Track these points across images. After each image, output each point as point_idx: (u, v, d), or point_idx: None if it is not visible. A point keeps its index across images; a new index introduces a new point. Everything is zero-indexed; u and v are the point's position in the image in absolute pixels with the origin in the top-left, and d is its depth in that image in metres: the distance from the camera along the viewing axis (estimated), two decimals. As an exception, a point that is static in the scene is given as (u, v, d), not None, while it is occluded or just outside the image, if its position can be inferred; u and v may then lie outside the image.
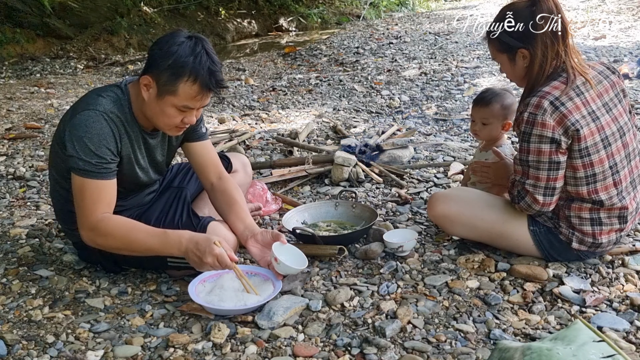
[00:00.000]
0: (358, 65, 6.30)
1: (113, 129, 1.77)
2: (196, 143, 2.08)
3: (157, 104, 1.77)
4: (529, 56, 1.88)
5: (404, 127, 3.96)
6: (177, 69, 1.70)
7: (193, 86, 1.72)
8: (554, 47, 1.84)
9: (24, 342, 1.66)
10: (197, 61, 1.70)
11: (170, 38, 1.73)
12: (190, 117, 1.80)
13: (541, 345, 1.19)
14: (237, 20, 10.04)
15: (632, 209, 1.92)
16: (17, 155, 3.55)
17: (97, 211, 1.76)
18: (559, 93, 1.81)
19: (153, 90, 1.76)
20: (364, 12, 11.31)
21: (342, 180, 2.95)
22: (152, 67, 1.74)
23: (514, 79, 2.00)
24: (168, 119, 1.79)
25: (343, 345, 1.61)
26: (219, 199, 2.05)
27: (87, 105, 1.78)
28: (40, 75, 6.42)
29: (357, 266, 2.08)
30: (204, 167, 2.09)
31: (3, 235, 2.42)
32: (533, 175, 1.85)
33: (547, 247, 1.97)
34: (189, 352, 1.60)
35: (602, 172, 1.84)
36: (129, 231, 1.77)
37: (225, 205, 2.03)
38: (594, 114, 1.83)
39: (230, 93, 5.34)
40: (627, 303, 1.76)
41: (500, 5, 2.52)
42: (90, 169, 1.74)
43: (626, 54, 5.96)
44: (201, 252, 1.71)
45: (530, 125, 1.80)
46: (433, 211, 2.13)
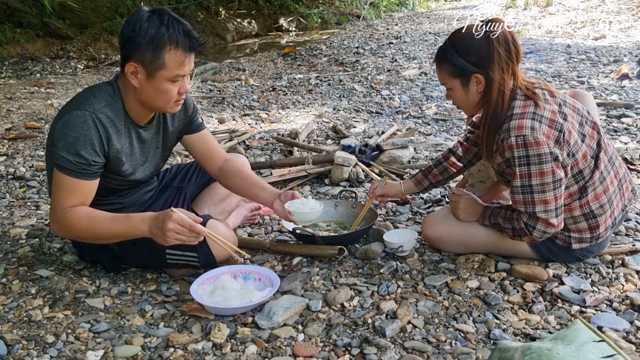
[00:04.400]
0: (358, 65, 6.31)
1: (100, 131, 1.77)
2: (196, 134, 2.11)
3: (151, 85, 1.77)
4: (483, 81, 1.82)
5: (404, 127, 3.96)
6: (156, 42, 1.71)
7: (177, 52, 1.73)
8: (509, 69, 1.80)
9: (24, 342, 1.65)
10: (171, 29, 1.72)
11: (136, 19, 1.73)
12: (184, 86, 1.82)
13: (541, 345, 1.19)
14: (237, 20, 10.04)
15: (613, 188, 1.90)
16: (17, 155, 3.55)
17: (66, 204, 1.78)
18: (533, 108, 1.78)
19: (141, 74, 1.76)
20: (364, 12, 11.32)
21: (342, 180, 2.95)
22: (131, 52, 1.74)
23: (465, 105, 1.92)
24: (165, 95, 1.79)
25: (343, 345, 1.61)
26: (231, 178, 2.11)
27: (78, 105, 1.78)
28: (40, 75, 6.42)
29: (357, 266, 2.08)
30: (208, 155, 2.13)
31: (3, 235, 2.42)
32: (540, 200, 1.78)
33: (545, 252, 1.97)
34: (189, 352, 1.60)
35: (587, 165, 1.84)
36: (92, 220, 1.78)
37: (240, 181, 2.11)
38: (562, 114, 1.82)
39: (230, 93, 5.34)
40: (627, 303, 1.76)
41: (500, 6, 2.51)
42: (69, 167, 1.75)
43: (626, 54, 5.96)
44: (160, 221, 1.71)
45: (524, 148, 1.74)
46: (425, 234, 2.14)
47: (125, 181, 1.95)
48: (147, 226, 1.74)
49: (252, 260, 2.13)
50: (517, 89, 1.84)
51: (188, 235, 1.71)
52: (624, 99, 4.40)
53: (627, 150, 3.20)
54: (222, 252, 1.97)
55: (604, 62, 5.68)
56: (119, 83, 1.85)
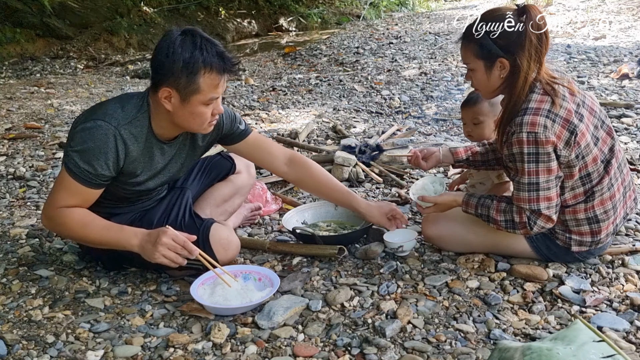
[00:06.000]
0: (358, 65, 6.31)
1: (119, 147, 1.76)
2: (241, 143, 2.10)
3: (185, 109, 1.75)
4: (508, 67, 1.80)
5: (404, 127, 3.96)
6: (190, 67, 1.69)
7: (212, 75, 1.72)
8: (537, 58, 1.78)
9: (24, 342, 1.66)
10: (204, 52, 1.70)
11: (168, 43, 1.71)
12: (218, 107, 1.81)
13: (541, 345, 1.19)
14: (237, 20, 10.04)
15: (619, 195, 1.89)
16: (17, 155, 3.56)
17: (62, 203, 1.78)
18: (549, 105, 1.75)
19: (175, 99, 1.74)
20: (364, 12, 11.32)
21: (342, 180, 2.94)
22: (165, 77, 1.71)
23: (484, 88, 1.89)
24: (200, 119, 1.79)
25: (343, 345, 1.61)
26: (308, 186, 2.25)
27: (105, 116, 1.76)
28: (40, 75, 6.42)
29: (357, 266, 2.08)
30: (264, 161, 2.16)
31: (3, 235, 2.42)
32: (544, 197, 1.77)
33: (545, 252, 1.96)
34: (189, 352, 1.60)
35: (596, 169, 1.83)
36: (85, 225, 1.79)
37: (321, 188, 2.21)
38: (578, 114, 1.79)
39: (230, 93, 5.34)
40: (627, 303, 1.76)
41: (500, 6, 2.50)
42: (76, 172, 1.75)
43: (626, 54, 5.96)
44: (153, 236, 1.72)
45: (534, 145, 1.72)
46: (426, 233, 2.14)
47: (138, 191, 1.95)
48: (138, 240, 1.75)
49: (252, 261, 2.13)
50: (538, 81, 1.80)
51: (180, 251, 1.73)
52: (624, 99, 4.40)
53: (627, 150, 3.20)
54: (226, 257, 1.97)
55: (604, 62, 5.68)
56: (149, 99, 1.83)
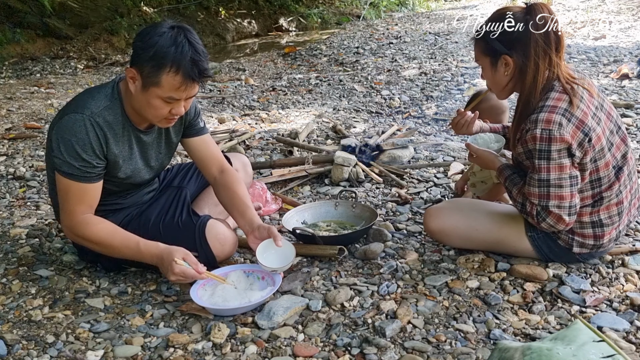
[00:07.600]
0: (358, 65, 6.30)
1: (99, 134, 1.77)
2: (195, 138, 2.08)
3: (143, 96, 1.75)
4: (512, 64, 1.81)
5: (404, 127, 3.96)
6: (158, 60, 1.67)
7: (176, 77, 1.69)
8: (547, 57, 1.77)
9: (24, 342, 1.66)
10: (179, 51, 1.67)
11: (153, 29, 1.71)
12: (177, 108, 1.78)
13: (541, 345, 1.19)
14: (237, 20, 10.04)
15: (626, 203, 1.89)
16: (17, 155, 3.55)
17: (77, 212, 1.80)
18: (566, 104, 1.74)
19: (138, 83, 1.74)
20: (364, 12, 11.31)
21: (342, 180, 2.95)
22: (136, 59, 1.72)
23: (494, 86, 1.92)
24: (155, 111, 1.77)
25: (343, 345, 1.61)
26: (221, 193, 2.07)
27: (76, 108, 1.77)
28: (40, 75, 6.42)
29: (357, 266, 2.08)
30: (205, 162, 2.10)
31: (3, 235, 2.42)
32: (556, 195, 1.77)
33: (546, 251, 1.96)
34: (189, 352, 1.60)
35: (607, 175, 1.82)
36: (104, 240, 1.81)
37: (227, 200, 2.05)
38: (596, 117, 1.79)
39: (230, 93, 5.34)
40: (627, 303, 1.76)
41: (500, 6, 2.50)
42: (74, 173, 1.76)
43: (626, 54, 5.96)
44: (165, 269, 1.77)
45: (547, 142, 1.72)
46: (428, 227, 2.12)
47: (124, 184, 1.95)
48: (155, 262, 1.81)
49: (252, 261, 2.13)
50: (556, 79, 1.80)
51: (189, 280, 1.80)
52: (624, 99, 4.40)
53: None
54: (223, 252, 1.97)
55: (604, 62, 5.68)
56: (120, 86, 1.84)
